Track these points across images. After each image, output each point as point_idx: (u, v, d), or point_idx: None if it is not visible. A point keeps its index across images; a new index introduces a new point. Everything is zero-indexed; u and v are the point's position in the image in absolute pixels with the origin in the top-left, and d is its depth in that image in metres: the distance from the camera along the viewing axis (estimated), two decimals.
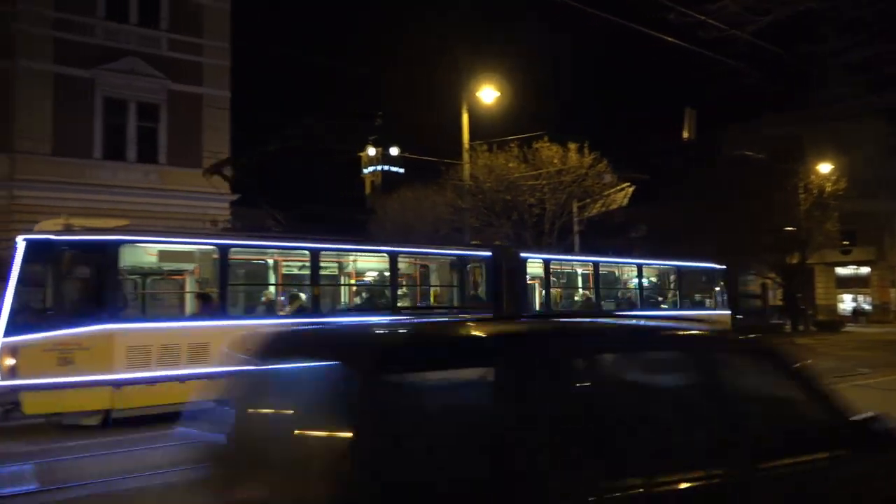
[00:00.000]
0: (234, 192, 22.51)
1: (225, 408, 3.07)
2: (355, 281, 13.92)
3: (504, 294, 13.92)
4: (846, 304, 45.57)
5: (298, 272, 12.73)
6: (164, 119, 21.58)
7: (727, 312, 18.54)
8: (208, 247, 11.12)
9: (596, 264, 16.08)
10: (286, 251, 12.26)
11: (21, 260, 9.30)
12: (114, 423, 9.44)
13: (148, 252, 11.21)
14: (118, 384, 9.40)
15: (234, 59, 22.96)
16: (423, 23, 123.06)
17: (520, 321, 3.78)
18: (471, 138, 25.90)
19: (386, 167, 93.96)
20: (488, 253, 14.23)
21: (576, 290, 17.20)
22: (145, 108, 21.33)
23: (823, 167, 34.23)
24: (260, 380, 2.90)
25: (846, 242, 40.63)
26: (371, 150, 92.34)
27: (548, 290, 15.16)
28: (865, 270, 44.33)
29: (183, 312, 11.54)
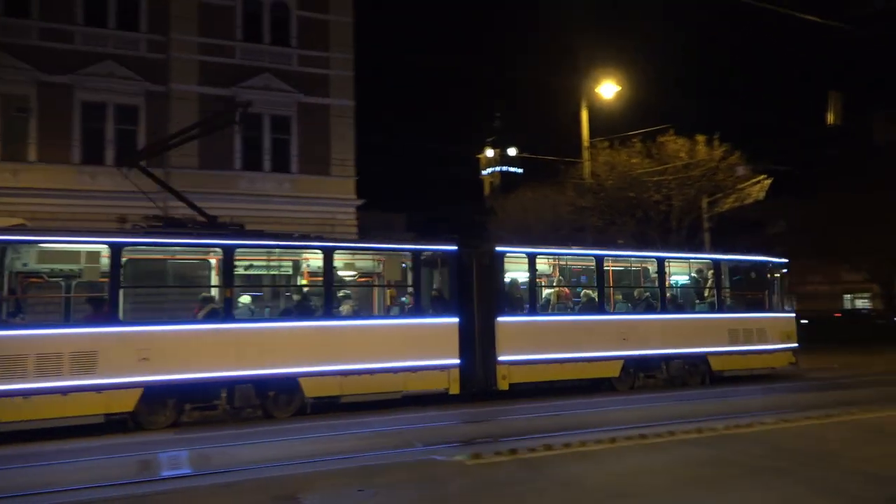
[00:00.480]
0: (360, 196, 23.50)
1: None
2: (283, 282, 12.27)
3: (475, 296, 12.41)
4: None
5: (208, 273, 11.48)
6: (295, 130, 22.95)
7: (789, 315, 15.82)
8: (98, 246, 10.23)
9: (599, 258, 13.73)
10: (193, 249, 11.10)
11: None
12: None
13: (33, 252, 10.41)
14: None
15: (357, 67, 23.97)
16: (540, 21, 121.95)
17: None
18: (591, 135, 25.30)
19: (504, 168, 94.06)
20: (453, 247, 12.38)
21: (576, 290, 14.57)
22: (278, 120, 22.80)
23: None
24: None
25: None
26: (489, 152, 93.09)
27: (532, 290, 13.13)
28: None
29: (68, 318, 10.53)
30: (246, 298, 11.20)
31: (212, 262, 11.31)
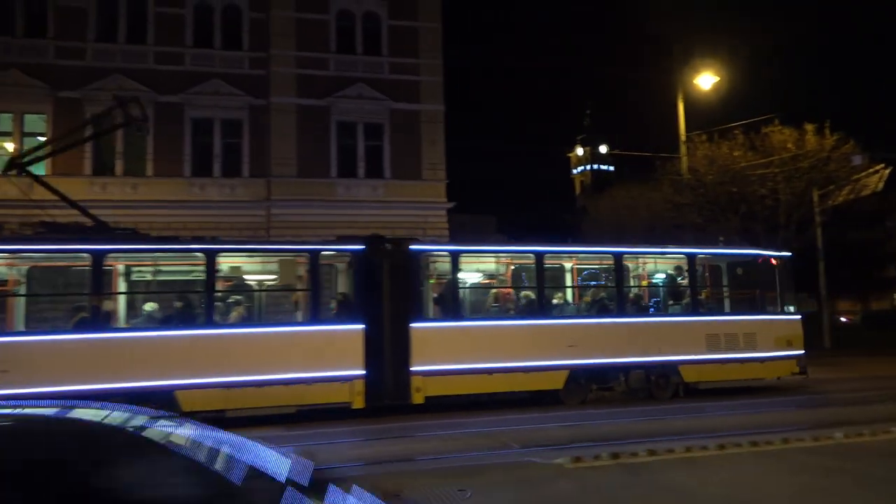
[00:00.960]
0: (451, 199, 23.74)
1: None
2: (164, 287, 11.38)
3: (385, 300, 11.09)
4: None
5: (74, 279, 10.75)
6: (388, 137, 23.50)
7: (791, 318, 13.54)
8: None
9: (538, 255, 12.09)
10: (63, 256, 10.46)
11: None
12: None
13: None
14: None
15: (445, 71, 24.25)
16: (628, 13, 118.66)
17: None
18: (687, 129, 24.33)
19: (595, 166, 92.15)
20: (358, 246, 11.17)
21: (511, 292, 13.00)
22: (371, 128, 23.43)
23: None
24: None
25: None
26: (580, 150, 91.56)
27: (455, 293, 11.66)
28: None
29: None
30: (122, 305, 10.79)
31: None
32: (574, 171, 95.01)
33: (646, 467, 6.82)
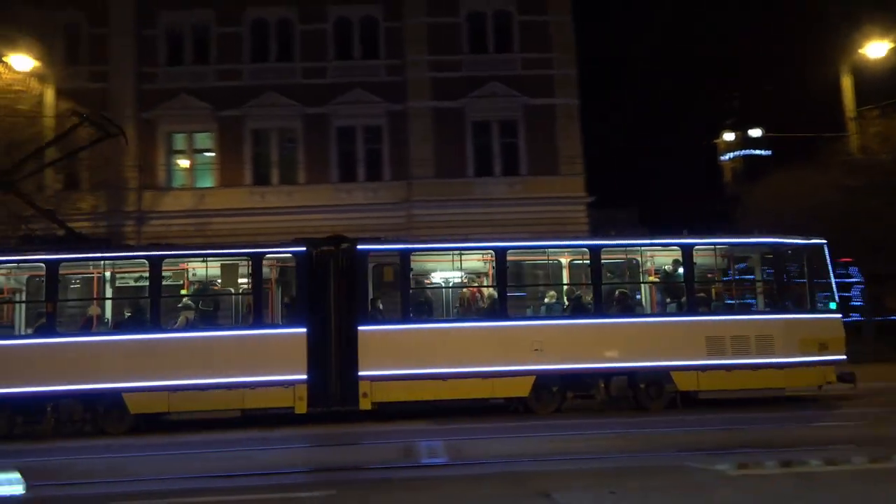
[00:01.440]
0: (590, 193, 23.12)
1: None
2: (114, 293, 11.71)
3: (331, 302, 10.77)
4: None
5: (33, 287, 11.45)
6: (522, 133, 23.38)
7: (826, 317, 11.52)
8: None
9: (500, 251, 11.16)
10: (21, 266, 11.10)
11: None
12: None
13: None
14: None
15: (579, 63, 23.65)
16: None
17: None
18: (857, 104, 21.88)
19: (747, 151, 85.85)
20: (300, 248, 10.99)
21: (469, 292, 12.13)
22: (506, 125, 23.44)
23: None
24: None
25: None
26: (728, 136, 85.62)
27: (406, 294, 11.05)
28: None
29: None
30: (75, 312, 11.33)
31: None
32: (722, 158, 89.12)
33: None
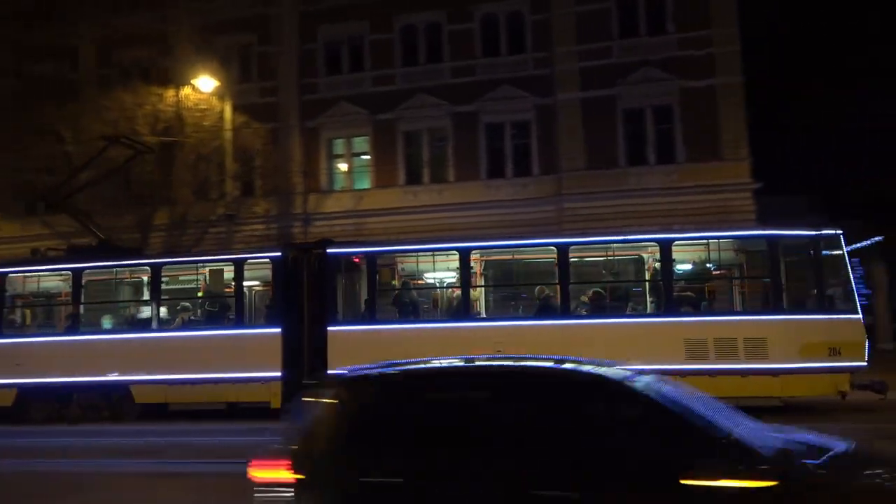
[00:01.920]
0: (758, 180, 21.33)
1: None
2: (124, 297, 13.53)
3: (304, 304, 11.60)
4: None
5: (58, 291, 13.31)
6: (678, 118, 22.09)
7: (845, 317, 10.25)
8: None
9: (464, 251, 11.38)
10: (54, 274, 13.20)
11: None
12: None
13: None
14: None
15: (745, 40, 21.82)
16: None
17: None
18: None
19: None
20: (275, 253, 12.09)
21: (443, 295, 12.42)
22: (660, 111, 22.29)
23: None
24: None
25: None
26: None
27: (373, 295, 11.79)
28: None
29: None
30: (96, 315, 12.94)
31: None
32: None
33: None
